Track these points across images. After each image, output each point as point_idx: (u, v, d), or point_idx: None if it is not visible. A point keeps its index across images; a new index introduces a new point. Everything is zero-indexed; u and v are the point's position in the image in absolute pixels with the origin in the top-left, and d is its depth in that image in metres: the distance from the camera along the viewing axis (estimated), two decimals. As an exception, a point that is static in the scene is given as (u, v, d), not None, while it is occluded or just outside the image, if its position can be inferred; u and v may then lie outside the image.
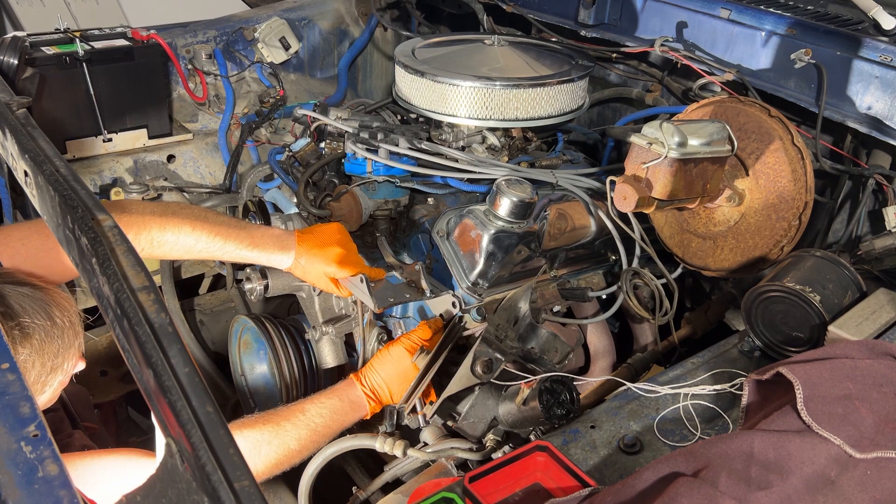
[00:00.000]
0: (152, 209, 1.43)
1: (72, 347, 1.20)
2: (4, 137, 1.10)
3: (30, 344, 1.12)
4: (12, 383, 0.71)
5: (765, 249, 1.74)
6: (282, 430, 1.41)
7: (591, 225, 1.95)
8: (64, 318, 1.18)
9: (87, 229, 0.83)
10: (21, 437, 0.67)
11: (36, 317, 1.13)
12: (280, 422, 1.42)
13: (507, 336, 1.76)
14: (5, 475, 0.64)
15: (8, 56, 2.14)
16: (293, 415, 1.45)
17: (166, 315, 0.74)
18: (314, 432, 1.45)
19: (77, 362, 1.25)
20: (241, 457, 0.64)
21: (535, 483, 1.23)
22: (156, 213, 1.41)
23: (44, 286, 1.19)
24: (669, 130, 1.56)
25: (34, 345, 1.13)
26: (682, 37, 2.17)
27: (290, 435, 1.41)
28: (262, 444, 1.37)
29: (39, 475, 0.65)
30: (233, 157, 2.62)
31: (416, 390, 1.54)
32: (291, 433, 1.42)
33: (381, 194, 1.97)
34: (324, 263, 1.61)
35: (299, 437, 1.43)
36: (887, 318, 1.48)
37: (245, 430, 1.37)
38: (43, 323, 1.14)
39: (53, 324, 1.16)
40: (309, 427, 1.45)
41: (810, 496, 1.01)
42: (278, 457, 1.39)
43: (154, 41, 2.50)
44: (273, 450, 1.38)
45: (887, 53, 1.76)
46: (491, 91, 1.99)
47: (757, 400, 1.28)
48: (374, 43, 3.14)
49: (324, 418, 1.48)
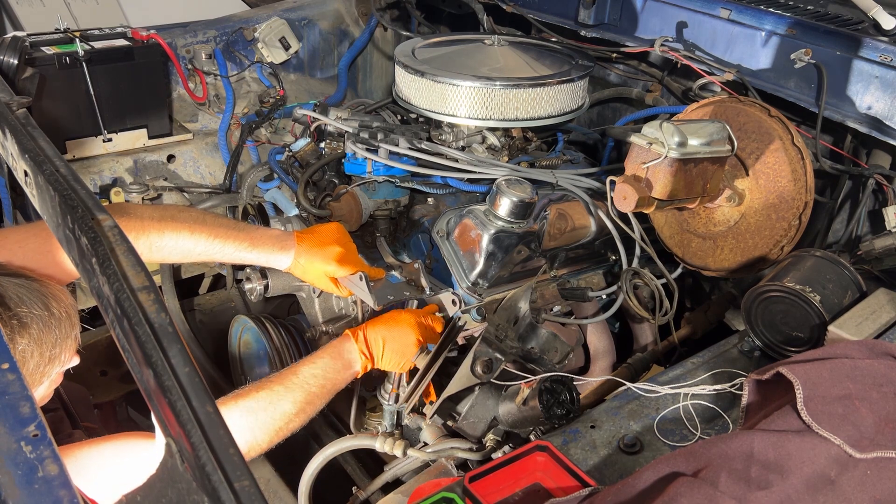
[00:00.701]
0: (150, 213, 1.43)
1: (69, 338, 1.20)
2: (4, 137, 1.10)
3: (28, 334, 1.12)
4: (12, 383, 0.71)
5: (765, 249, 1.74)
6: (276, 395, 1.38)
7: (591, 225, 1.95)
8: (61, 308, 1.18)
9: (87, 229, 0.83)
10: (21, 436, 0.67)
11: (34, 307, 1.14)
12: (273, 387, 1.40)
13: (507, 336, 1.76)
14: (5, 475, 0.64)
15: (8, 56, 2.14)
16: (286, 378, 1.42)
17: (166, 315, 0.74)
18: (309, 393, 1.43)
19: (73, 355, 1.25)
20: (241, 457, 0.64)
21: (535, 483, 1.23)
22: (154, 218, 1.41)
23: (38, 278, 1.19)
24: (669, 130, 1.56)
25: (32, 335, 1.13)
26: (682, 37, 2.17)
27: (285, 398, 1.39)
28: (258, 410, 1.35)
29: (39, 475, 0.65)
30: (233, 157, 2.62)
31: (416, 390, 1.54)
32: (286, 396, 1.39)
33: (381, 194, 1.97)
34: (323, 263, 1.61)
35: (295, 399, 1.40)
36: (887, 318, 1.48)
37: (240, 401, 1.35)
38: (41, 313, 1.14)
39: (51, 314, 1.16)
40: (304, 388, 1.42)
41: (810, 496, 1.01)
42: (276, 422, 1.37)
43: (154, 41, 2.50)
44: (270, 415, 1.36)
45: (887, 53, 1.76)
46: (491, 91, 1.99)
47: (757, 400, 1.28)
48: (374, 43, 3.14)
49: (317, 378, 1.44)
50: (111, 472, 1.27)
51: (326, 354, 1.49)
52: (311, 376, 1.44)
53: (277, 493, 1.89)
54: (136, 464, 1.27)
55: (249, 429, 1.33)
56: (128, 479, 1.22)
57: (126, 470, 1.27)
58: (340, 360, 1.50)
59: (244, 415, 1.34)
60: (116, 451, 1.30)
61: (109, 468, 1.27)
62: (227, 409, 1.32)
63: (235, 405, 1.34)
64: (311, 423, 2.14)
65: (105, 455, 1.29)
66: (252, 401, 1.37)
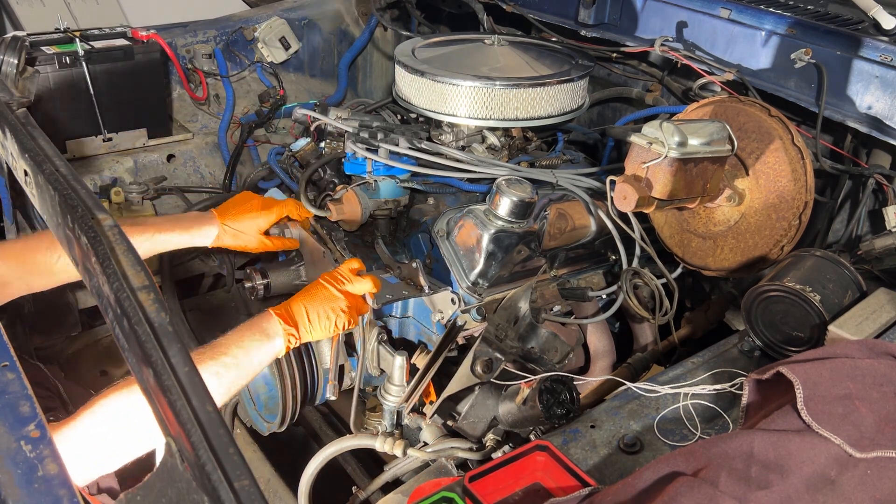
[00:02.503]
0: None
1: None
2: (4, 137, 1.10)
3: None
4: (12, 382, 0.71)
5: (765, 249, 1.74)
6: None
7: (591, 225, 1.95)
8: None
9: (87, 228, 0.83)
10: (21, 436, 0.67)
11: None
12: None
13: (507, 336, 1.76)
14: (5, 474, 0.64)
15: (8, 56, 2.14)
16: (202, 359, 1.35)
17: (166, 315, 0.74)
18: (226, 367, 1.36)
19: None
20: (240, 456, 0.64)
21: (535, 483, 1.23)
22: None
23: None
24: (669, 130, 1.56)
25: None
26: (682, 37, 2.17)
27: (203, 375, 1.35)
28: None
29: (39, 474, 0.65)
30: (233, 157, 2.62)
31: (416, 390, 1.54)
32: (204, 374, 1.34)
33: (381, 194, 1.97)
34: (249, 218, 1.77)
35: (217, 372, 1.34)
36: (887, 317, 1.48)
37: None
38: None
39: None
40: (223, 364, 1.35)
41: (810, 496, 1.01)
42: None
43: (154, 41, 2.50)
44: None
45: (887, 53, 1.76)
46: (491, 91, 1.99)
47: (757, 399, 1.28)
48: (374, 43, 3.14)
49: (232, 350, 1.38)
50: (107, 438, 1.21)
51: (247, 327, 1.44)
52: (226, 354, 1.37)
53: (277, 492, 1.89)
54: (126, 421, 1.21)
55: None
56: (120, 441, 1.20)
57: (119, 432, 1.22)
58: (260, 331, 1.44)
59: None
60: (103, 417, 1.22)
61: (104, 436, 1.20)
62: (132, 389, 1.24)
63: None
64: (311, 423, 2.16)
65: (96, 421, 1.21)
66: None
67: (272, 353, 1.46)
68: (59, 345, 2.46)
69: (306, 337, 1.51)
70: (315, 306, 1.52)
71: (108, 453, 1.21)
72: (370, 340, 1.80)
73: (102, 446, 1.20)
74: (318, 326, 1.52)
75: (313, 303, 1.53)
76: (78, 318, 2.44)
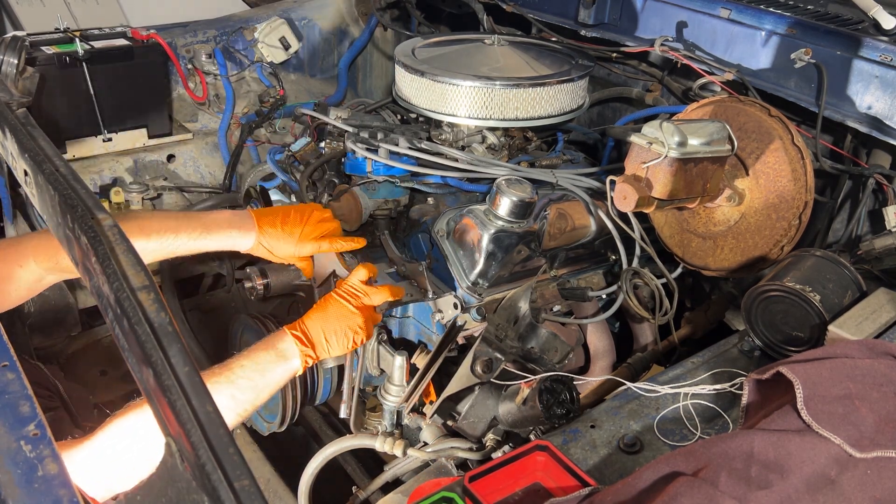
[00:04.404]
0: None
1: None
2: (4, 137, 1.10)
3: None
4: (12, 382, 0.71)
5: (765, 249, 1.74)
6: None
7: (591, 225, 1.95)
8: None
9: (87, 228, 0.83)
10: (21, 436, 0.67)
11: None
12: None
13: (507, 336, 1.76)
14: (5, 474, 0.64)
15: (8, 56, 2.14)
16: (217, 381, 1.33)
17: (166, 315, 0.74)
18: (242, 390, 1.34)
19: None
20: (240, 456, 0.64)
21: (535, 483, 1.23)
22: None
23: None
24: (669, 130, 1.56)
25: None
26: (682, 36, 2.17)
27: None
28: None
29: (39, 474, 0.65)
30: (233, 157, 2.62)
31: (416, 390, 1.54)
32: (220, 397, 1.30)
33: (381, 194, 1.96)
34: (287, 244, 1.57)
35: (232, 395, 1.32)
36: (887, 317, 1.48)
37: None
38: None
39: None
40: (239, 387, 1.34)
41: (810, 496, 1.01)
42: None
43: (154, 41, 2.51)
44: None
45: (887, 53, 1.76)
46: (491, 91, 1.99)
47: (757, 399, 1.28)
48: (374, 43, 3.14)
49: (247, 373, 1.35)
50: (115, 462, 1.23)
51: (262, 347, 1.42)
52: (241, 375, 1.35)
53: (277, 492, 1.89)
54: (140, 440, 1.22)
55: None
56: (134, 462, 1.20)
57: (129, 455, 1.23)
58: (275, 351, 1.42)
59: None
60: (119, 435, 1.24)
61: (113, 459, 1.24)
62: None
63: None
64: (310, 423, 2.16)
65: (113, 439, 1.24)
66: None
67: (288, 373, 1.44)
68: (59, 345, 2.46)
69: (323, 356, 1.49)
70: (332, 325, 1.48)
71: (128, 469, 1.21)
72: (370, 341, 1.80)
73: (121, 463, 1.20)
74: (336, 346, 1.49)
75: (329, 322, 1.48)
76: (78, 318, 2.45)
